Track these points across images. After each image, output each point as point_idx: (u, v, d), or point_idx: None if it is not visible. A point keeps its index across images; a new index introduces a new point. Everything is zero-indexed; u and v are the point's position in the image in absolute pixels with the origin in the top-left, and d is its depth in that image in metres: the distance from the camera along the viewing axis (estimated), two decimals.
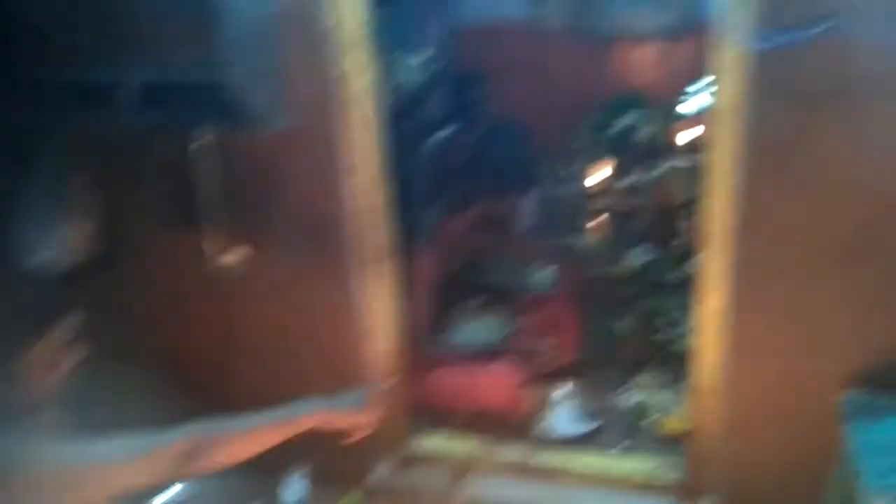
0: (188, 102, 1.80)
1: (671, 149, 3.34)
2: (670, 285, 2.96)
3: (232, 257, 2.08)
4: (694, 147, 3.08)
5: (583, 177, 3.60)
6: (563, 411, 2.54)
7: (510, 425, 2.50)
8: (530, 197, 3.10)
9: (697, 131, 3.14)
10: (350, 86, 1.95)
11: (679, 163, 3.25)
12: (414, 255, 2.47)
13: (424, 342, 2.54)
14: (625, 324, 2.96)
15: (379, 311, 2.21)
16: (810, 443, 1.92)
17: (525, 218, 2.96)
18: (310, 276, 2.14)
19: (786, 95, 1.72)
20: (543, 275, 3.14)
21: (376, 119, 2.03)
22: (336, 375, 2.21)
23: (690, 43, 3.31)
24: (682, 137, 3.31)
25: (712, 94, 1.86)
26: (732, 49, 1.73)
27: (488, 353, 2.61)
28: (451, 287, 2.78)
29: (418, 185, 2.67)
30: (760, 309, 1.92)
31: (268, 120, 1.83)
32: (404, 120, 3.25)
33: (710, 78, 1.90)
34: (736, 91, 1.76)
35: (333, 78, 1.92)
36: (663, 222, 3.19)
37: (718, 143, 1.84)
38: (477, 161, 2.87)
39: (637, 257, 3.25)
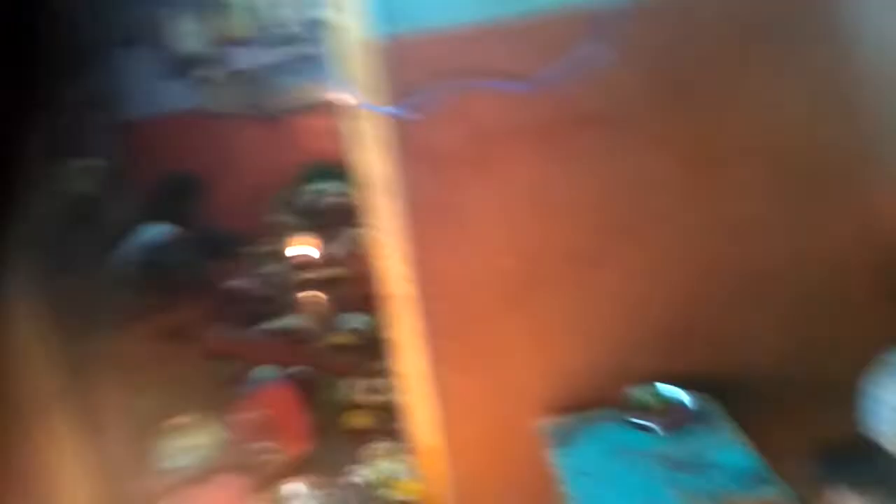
0: None
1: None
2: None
3: None
4: None
5: (285, 253, 3.54)
6: None
7: None
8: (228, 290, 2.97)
9: None
10: None
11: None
12: (92, 389, 2.21)
13: (129, 480, 2.27)
14: (350, 394, 2.92)
15: (65, 461, 1.94)
16: (528, 482, 1.97)
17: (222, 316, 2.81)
18: None
19: (428, 160, 1.78)
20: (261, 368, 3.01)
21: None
22: None
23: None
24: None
25: (362, 164, 1.89)
26: (370, 121, 1.77)
27: (205, 471, 2.41)
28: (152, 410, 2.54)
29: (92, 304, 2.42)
30: (456, 363, 1.96)
31: None
32: (76, 231, 2.98)
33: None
34: (383, 161, 1.79)
35: None
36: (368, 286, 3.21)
37: (379, 211, 1.86)
38: (158, 267, 2.68)
39: (351, 325, 3.24)
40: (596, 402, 1.92)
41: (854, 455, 1.71)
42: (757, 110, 1.85)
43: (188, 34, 3.61)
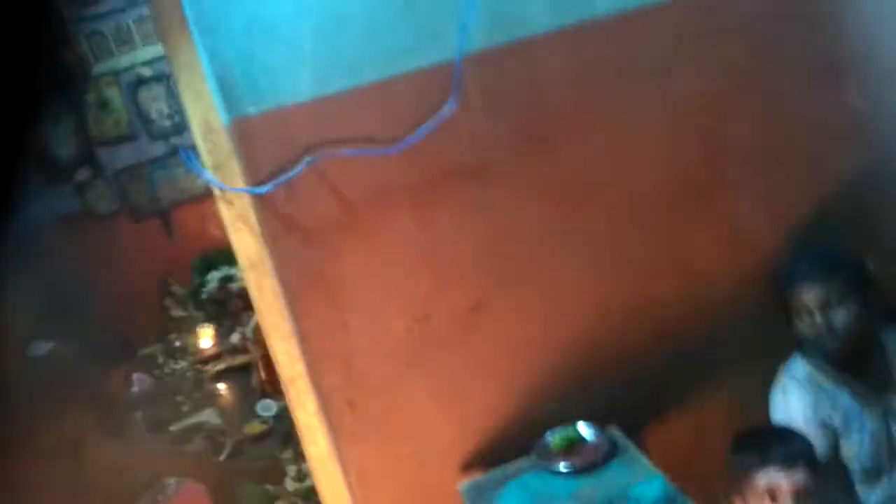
0: None
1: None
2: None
3: None
4: None
5: (189, 348, 3.42)
6: None
7: None
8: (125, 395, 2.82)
9: None
10: None
11: None
12: None
13: None
14: (268, 489, 2.79)
15: None
16: None
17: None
18: None
19: (297, 233, 1.75)
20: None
21: None
22: None
23: None
24: None
25: (238, 247, 1.83)
26: (234, 202, 1.72)
27: None
28: None
29: None
30: (360, 434, 1.89)
31: None
32: None
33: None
34: (253, 240, 1.75)
35: None
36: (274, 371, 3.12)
37: (259, 292, 1.80)
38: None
39: (265, 412, 3.13)
40: (511, 453, 1.88)
41: (767, 437, 1.73)
42: (613, 146, 1.90)
43: (61, 137, 3.51)
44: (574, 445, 1.85)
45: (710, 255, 1.99)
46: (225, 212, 1.75)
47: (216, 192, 1.73)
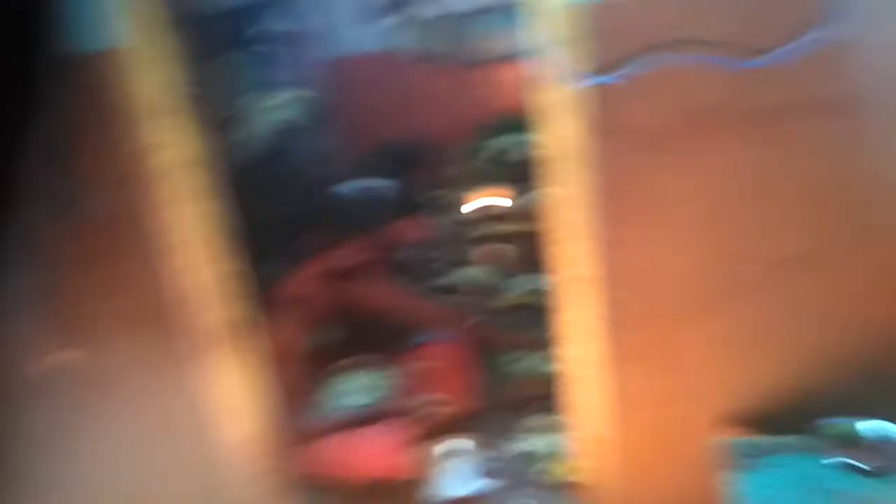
0: None
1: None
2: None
3: (57, 358, 1.85)
4: None
5: (462, 205, 3.48)
6: (452, 470, 2.38)
7: (396, 491, 2.34)
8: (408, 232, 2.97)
9: None
10: (162, 156, 1.75)
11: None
12: (266, 322, 2.28)
13: (296, 414, 2.35)
14: (516, 361, 2.83)
15: (236, 391, 2.01)
16: (694, 489, 1.82)
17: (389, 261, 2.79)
18: (152, 368, 1.92)
19: (622, 133, 1.61)
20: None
21: (201, 187, 1.84)
22: (198, 470, 2.01)
23: None
24: None
25: (556, 127, 1.74)
26: (563, 86, 1.62)
27: (368, 416, 2.43)
28: (323, 348, 2.60)
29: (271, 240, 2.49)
30: (631, 356, 1.81)
31: (66, 207, 1.63)
32: (272, 163, 3.09)
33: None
34: (574, 130, 1.64)
35: (139, 151, 1.72)
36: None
37: (565, 185, 1.72)
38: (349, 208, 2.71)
39: (525, 286, 3.13)
40: (782, 427, 1.71)
41: None
42: None
43: None
44: (867, 441, 1.63)
45: None
46: (551, 92, 1.65)
47: (545, 65, 1.62)
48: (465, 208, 3.35)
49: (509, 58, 3.41)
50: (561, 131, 1.67)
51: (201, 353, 1.92)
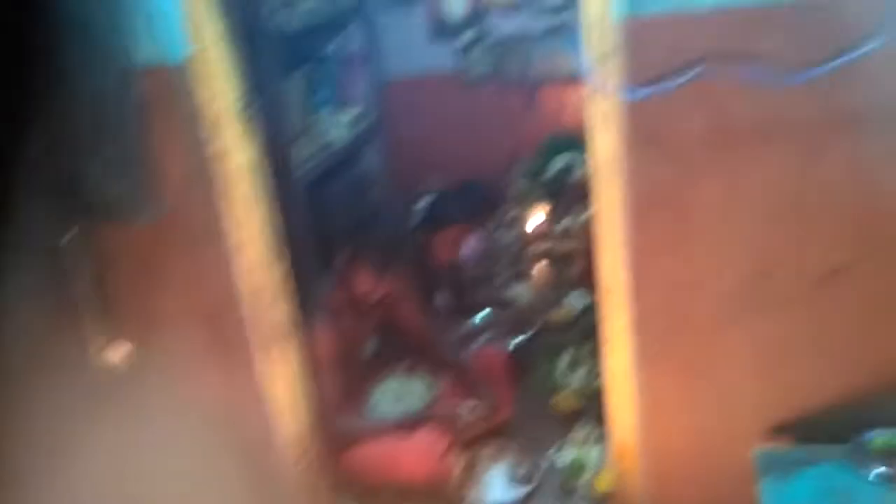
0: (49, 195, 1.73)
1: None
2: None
3: (116, 354, 1.98)
4: None
5: (520, 223, 3.55)
6: (494, 477, 2.44)
7: (438, 497, 2.39)
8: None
9: None
10: (228, 163, 1.88)
11: None
12: (317, 325, 2.39)
13: (341, 417, 2.43)
14: (562, 374, 2.88)
15: (285, 392, 2.12)
16: (730, 500, 1.84)
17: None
18: (205, 366, 2.04)
19: (660, 147, 1.66)
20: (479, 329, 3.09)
21: (263, 193, 1.97)
22: (248, 465, 2.12)
23: None
24: None
25: (595, 141, 1.81)
26: (604, 100, 1.69)
27: (411, 422, 2.50)
28: (373, 353, 2.69)
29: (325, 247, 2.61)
30: (665, 365, 1.85)
31: (133, 212, 1.76)
32: (333, 178, 3.22)
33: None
34: (613, 143, 1.71)
35: (206, 157, 1.85)
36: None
37: (603, 197, 1.78)
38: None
39: (575, 303, 3.18)
40: (820, 438, 1.72)
41: None
42: None
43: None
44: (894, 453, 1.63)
45: None
46: (593, 107, 1.72)
47: (588, 82, 1.69)
48: (524, 225, 3.42)
49: (566, 77, 3.47)
50: (603, 145, 1.73)
51: (258, 351, 2.03)
